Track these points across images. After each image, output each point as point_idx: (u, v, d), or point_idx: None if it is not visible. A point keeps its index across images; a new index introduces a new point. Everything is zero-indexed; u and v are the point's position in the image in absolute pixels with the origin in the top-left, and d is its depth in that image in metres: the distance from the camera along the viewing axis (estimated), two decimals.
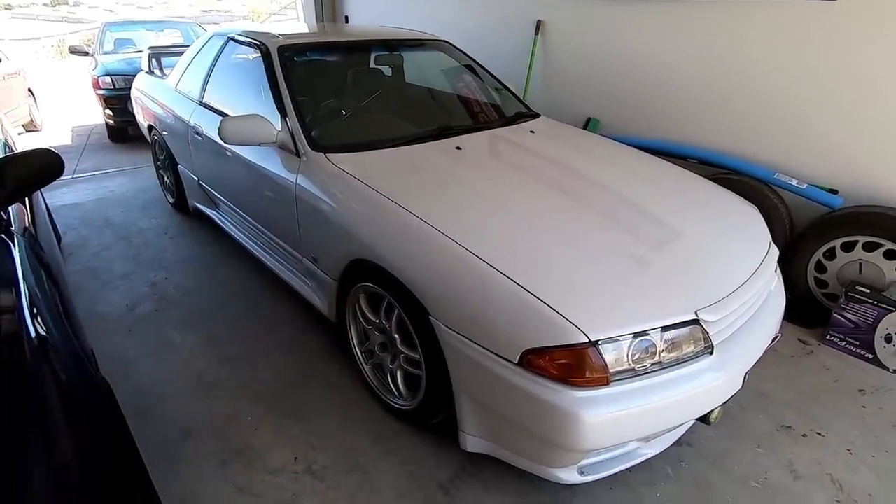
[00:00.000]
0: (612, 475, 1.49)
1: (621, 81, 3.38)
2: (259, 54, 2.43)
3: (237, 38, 2.72)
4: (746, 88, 2.81)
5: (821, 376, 2.20)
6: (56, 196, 3.92)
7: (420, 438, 1.82)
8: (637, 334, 1.32)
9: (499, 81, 2.90)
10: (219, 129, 1.99)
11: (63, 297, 1.37)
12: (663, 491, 1.65)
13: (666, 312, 1.37)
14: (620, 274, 1.47)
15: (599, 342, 1.28)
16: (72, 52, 6.06)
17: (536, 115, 2.70)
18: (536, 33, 3.74)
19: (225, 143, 2.02)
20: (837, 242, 2.41)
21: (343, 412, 1.93)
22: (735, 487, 1.67)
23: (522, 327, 1.32)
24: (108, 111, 5.23)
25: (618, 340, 1.30)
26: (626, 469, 1.50)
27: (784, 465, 1.75)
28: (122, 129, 5.47)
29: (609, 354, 1.29)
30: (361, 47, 2.90)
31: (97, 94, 5.23)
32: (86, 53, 5.95)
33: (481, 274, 1.42)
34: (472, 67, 2.91)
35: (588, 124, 3.57)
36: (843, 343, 2.34)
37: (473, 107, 2.76)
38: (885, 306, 2.22)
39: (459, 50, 2.99)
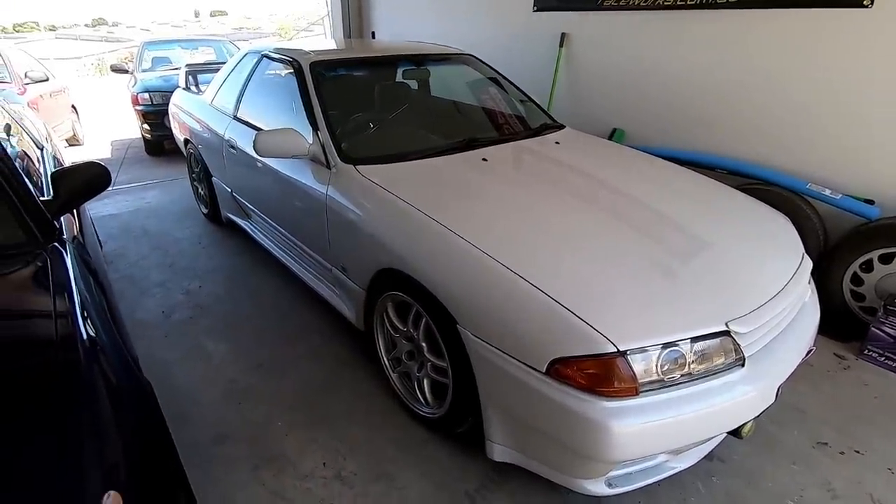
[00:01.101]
0: (641, 489, 1.47)
1: (647, 92, 3.37)
2: (292, 70, 2.52)
3: (270, 55, 2.82)
4: (777, 97, 2.77)
5: (859, 392, 2.13)
6: (97, 207, 4.09)
7: (447, 447, 1.83)
8: (666, 345, 1.31)
9: (523, 93, 2.93)
10: (253, 142, 2.06)
11: (109, 303, 1.44)
12: None
13: (696, 323, 1.37)
14: (649, 284, 1.46)
15: (628, 352, 1.28)
16: (113, 70, 6.38)
17: (561, 127, 2.71)
18: (561, 45, 3.76)
19: (259, 155, 2.09)
20: (875, 254, 2.34)
21: (370, 420, 1.96)
22: None
23: (550, 336, 1.33)
24: (146, 126, 5.44)
25: (646, 351, 1.30)
26: (655, 483, 1.48)
27: (821, 484, 1.70)
28: (159, 143, 5.69)
29: (638, 365, 1.29)
30: (389, 62, 2.97)
31: (136, 109, 5.45)
32: (126, 71, 6.24)
33: (509, 283, 1.44)
34: (496, 80, 2.95)
35: (613, 135, 3.56)
36: (882, 358, 2.27)
37: (499, 119, 2.79)
38: None
39: (484, 63, 3.03)
